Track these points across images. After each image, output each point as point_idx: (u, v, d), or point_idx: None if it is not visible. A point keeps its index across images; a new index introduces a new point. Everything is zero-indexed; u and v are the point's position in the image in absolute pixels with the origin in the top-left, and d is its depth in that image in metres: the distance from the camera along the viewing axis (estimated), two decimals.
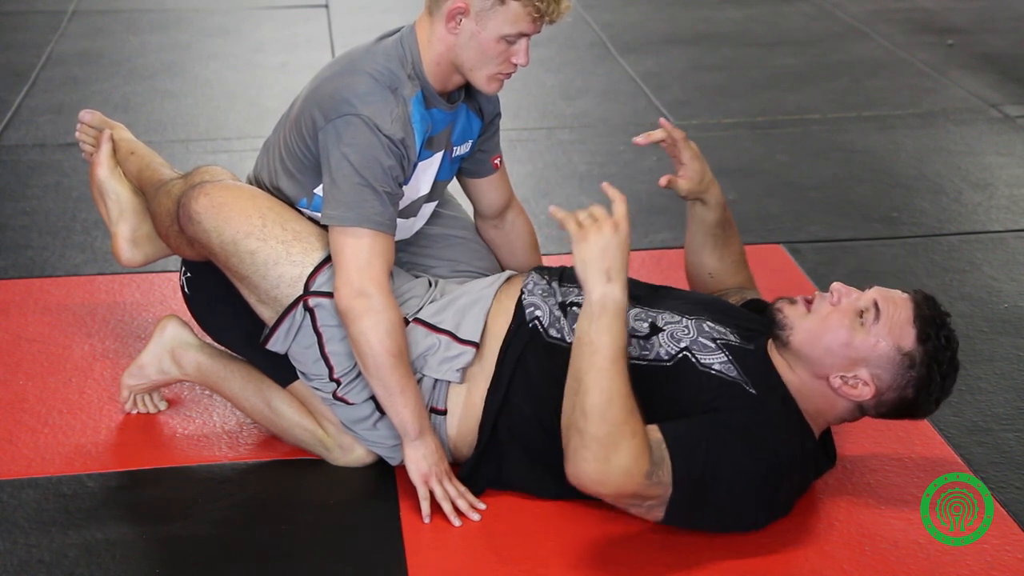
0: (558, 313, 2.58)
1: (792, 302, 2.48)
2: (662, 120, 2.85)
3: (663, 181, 2.81)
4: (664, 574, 2.37)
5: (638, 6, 6.50)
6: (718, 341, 2.50)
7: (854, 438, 2.77)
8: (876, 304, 2.40)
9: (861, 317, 2.40)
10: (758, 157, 4.53)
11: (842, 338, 2.40)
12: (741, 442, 2.35)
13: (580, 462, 2.27)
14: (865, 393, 2.41)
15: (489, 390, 2.56)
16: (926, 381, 2.39)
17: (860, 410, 2.47)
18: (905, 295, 2.44)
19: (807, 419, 2.46)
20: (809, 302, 2.47)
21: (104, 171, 2.99)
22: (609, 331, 2.27)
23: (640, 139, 2.78)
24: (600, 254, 2.29)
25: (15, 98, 5.04)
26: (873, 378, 2.40)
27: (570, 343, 2.52)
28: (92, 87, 5.23)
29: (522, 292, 2.63)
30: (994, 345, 3.21)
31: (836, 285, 2.45)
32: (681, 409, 2.42)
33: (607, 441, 2.25)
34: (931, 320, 2.39)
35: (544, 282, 2.65)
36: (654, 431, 2.33)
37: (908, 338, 2.38)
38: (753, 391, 2.42)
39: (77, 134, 3.07)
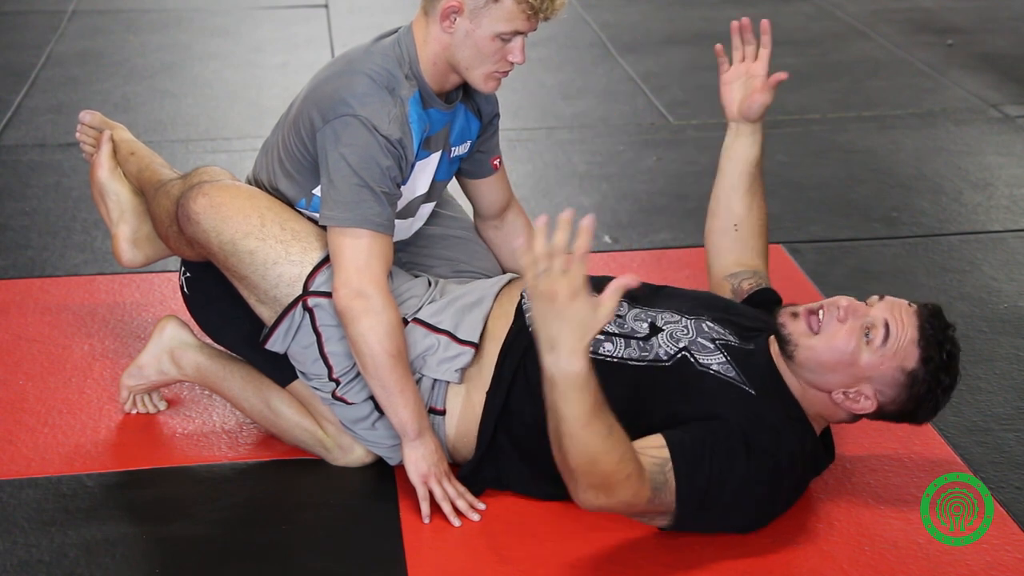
0: None
1: (795, 316, 2.43)
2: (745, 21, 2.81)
3: (772, 80, 2.78)
4: (664, 574, 2.37)
5: (638, 6, 6.50)
6: (717, 342, 2.50)
7: (854, 438, 2.77)
8: (887, 324, 2.37)
9: (868, 335, 2.37)
10: None
11: (847, 358, 2.38)
12: (742, 451, 2.35)
13: (583, 498, 2.26)
14: (867, 407, 2.42)
15: (488, 393, 2.55)
16: (927, 397, 2.40)
17: (861, 416, 2.48)
18: (912, 310, 2.40)
19: (808, 418, 2.47)
20: (812, 313, 2.42)
21: (104, 172, 2.99)
22: (566, 401, 2.16)
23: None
24: (541, 322, 2.14)
25: (15, 98, 5.04)
26: (876, 394, 2.41)
27: None
28: (92, 87, 5.23)
29: (522, 297, 2.63)
30: (994, 345, 3.21)
31: (844, 302, 2.40)
32: (678, 409, 2.42)
33: (603, 486, 2.23)
34: (935, 340, 2.38)
35: None
36: (659, 448, 2.32)
37: (912, 359, 2.37)
38: (751, 392, 2.42)
39: (77, 135, 3.07)
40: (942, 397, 2.42)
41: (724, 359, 2.46)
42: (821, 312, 2.42)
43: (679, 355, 2.48)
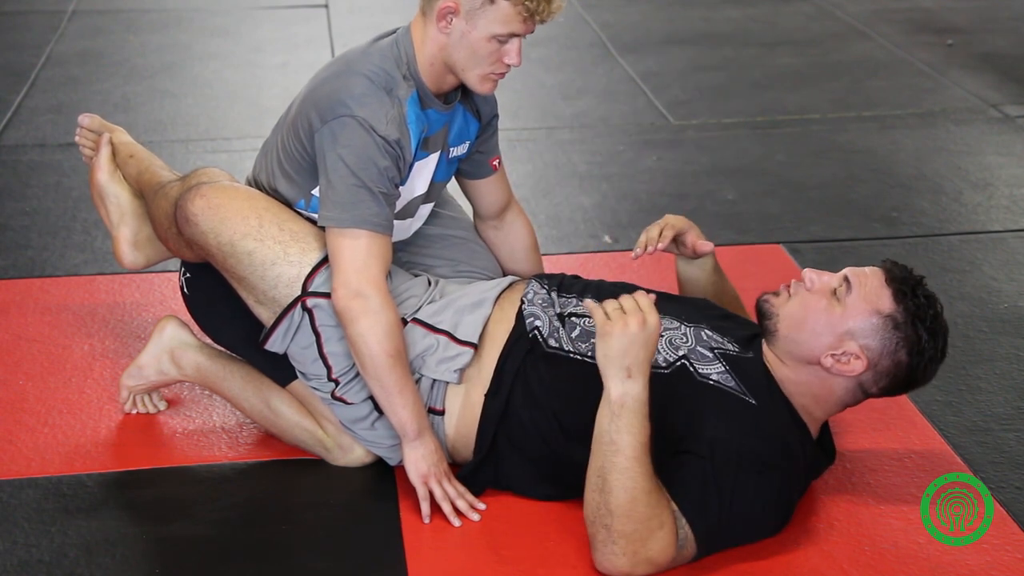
0: (557, 324, 2.58)
1: (776, 294, 2.49)
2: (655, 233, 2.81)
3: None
4: (664, 574, 2.37)
5: (638, 6, 6.50)
6: (716, 351, 2.50)
7: (854, 437, 2.77)
8: (847, 278, 2.42)
9: (835, 294, 2.42)
10: (758, 157, 4.53)
11: (822, 317, 2.41)
12: (749, 473, 2.35)
13: (609, 556, 2.30)
14: (858, 367, 2.40)
15: (488, 396, 2.55)
16: (915, 340, 2.38)
17: (861, 389, 2.45)
18: (875, 267, 2.45)
19: (804, 418, 2.46)
20: (786, 287, 2.49)
21: (104, 175, 3.00)
22: (630, 430, 2.26)
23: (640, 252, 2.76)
24: (622, 352, 2.26)
25: (15, 98, 5.04)
26: (863, 349, 2.39)
27: (568, 352, 2.53)
28: (92, 87, 5.23)
29: (522, 301, 2.63)
30: (994, 345, 3.21)
31: (807, 271, 2.47)
32: (680, 420, 2.41)
33: (635, 537, 2.27)
34: (904, 280, 2.40)
35: (544, 292, 2.65)
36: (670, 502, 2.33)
37: (885, 300, 2.39)
38: (752, 402, 2.42)
39: (76, 138, 3.07)
40: (931, 342, 2.38)
41: (724, 368, 2.46)
42: (792, 283, 2.48)
43: (678, 363, 2.48)
